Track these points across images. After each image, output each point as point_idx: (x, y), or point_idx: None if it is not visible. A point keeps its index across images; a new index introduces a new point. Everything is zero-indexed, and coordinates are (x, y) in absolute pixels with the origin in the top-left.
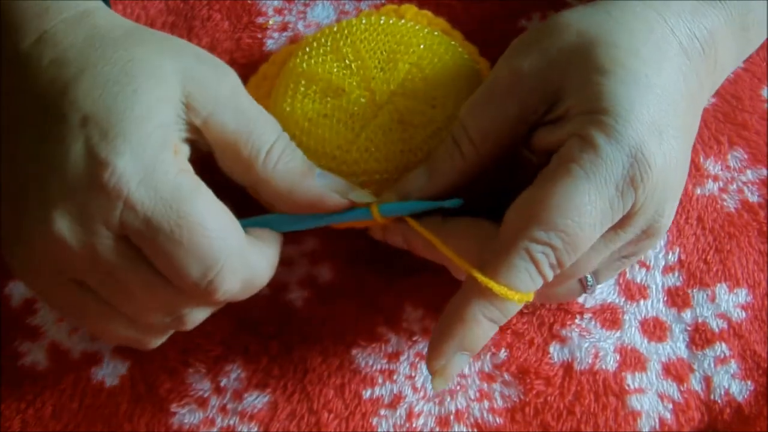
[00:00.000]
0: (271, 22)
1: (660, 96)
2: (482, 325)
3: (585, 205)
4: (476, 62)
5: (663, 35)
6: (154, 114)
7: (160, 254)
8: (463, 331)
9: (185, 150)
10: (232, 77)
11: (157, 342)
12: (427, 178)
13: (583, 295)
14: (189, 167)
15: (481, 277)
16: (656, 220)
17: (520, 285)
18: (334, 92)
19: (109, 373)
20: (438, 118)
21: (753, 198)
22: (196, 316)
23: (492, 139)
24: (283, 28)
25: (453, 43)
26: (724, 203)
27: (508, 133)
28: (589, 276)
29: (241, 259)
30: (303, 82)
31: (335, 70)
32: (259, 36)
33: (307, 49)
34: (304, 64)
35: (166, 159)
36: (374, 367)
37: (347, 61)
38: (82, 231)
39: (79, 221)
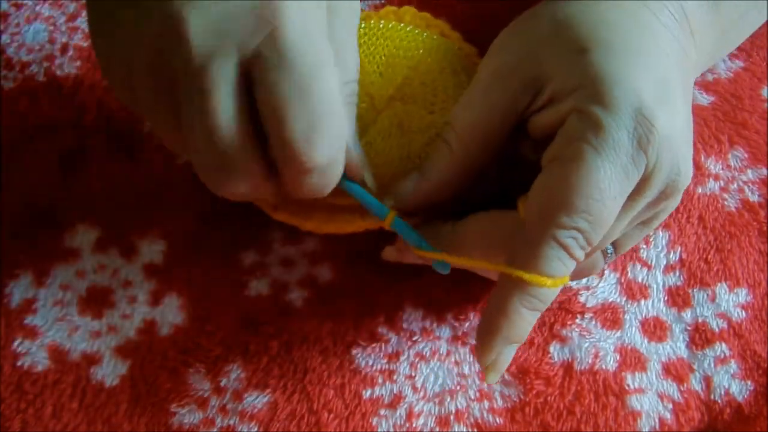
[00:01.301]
0: None
1: (644, 58)
2: (525, 316)
3: (602, 181)
4: (476, 64)
5: (633, 8)
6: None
7: (275, 94)
8: (508, 326)
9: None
10: (354, 4)
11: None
12: (417, 180)
13: (583, 294)
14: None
15: (516, 272)
16: (672, 179)
17: (554, 272)
18: None
19: (109, 373)
20: (437, 123)
21: (753, 197)
22: (239, 185)
23: (477, 132)
24: None
25: (452, 46)
26: (725, 202)
27: (493, 126)
28: (609, 246)
29: (339, 142)
30: None
31: None
32: None
33: None
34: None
35: (323, 19)
36: (374, 367)
37: None
38: (212, 41)
39: (213, 31)
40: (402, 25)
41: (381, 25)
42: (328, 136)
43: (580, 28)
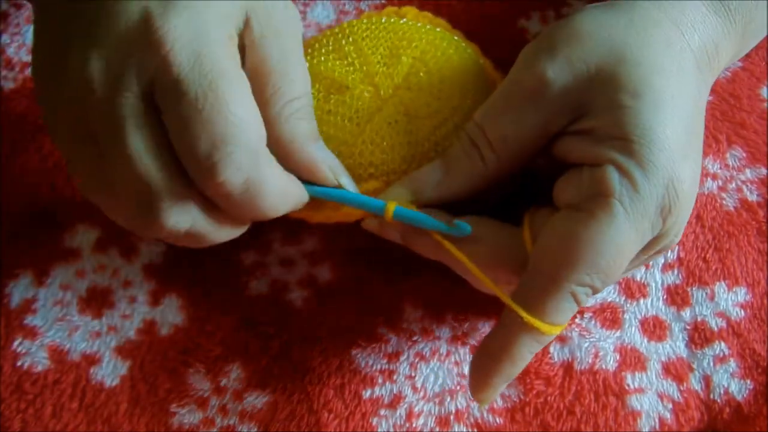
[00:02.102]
0: None
1: (683, 117)
2: (527, 359)
3: (625, 245)
4: (479, 54)
5: (681, 49)
6: (220, 5)
7: (176, 118)
8: (511, 368)
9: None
10: (295, 24)
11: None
12: (443, 176)
13: None
14: (238, 60)
15: (531, 320)
16: (673, 241)
17: (564, 321)
18: (338, 89)
19: (109, 373)
20: (444, 109)
21: (752, 197)
22: (172, 216)
23: (513, 146)
24: None
25: (455, 38)
26: (723, 202)
27: (529, 142)
28: None
29: (251, 158)
30: None
31: (338, 67)
32: None
33: (310, 50)
34: (307, 64)
35: (220, 38)
36: (374, 367)
37: (350, 59)
38: (113, 77)
39: (113, 67)
40: (404, 20)
41: (383, 20)
42: (237, 154)
43: (637, 70)
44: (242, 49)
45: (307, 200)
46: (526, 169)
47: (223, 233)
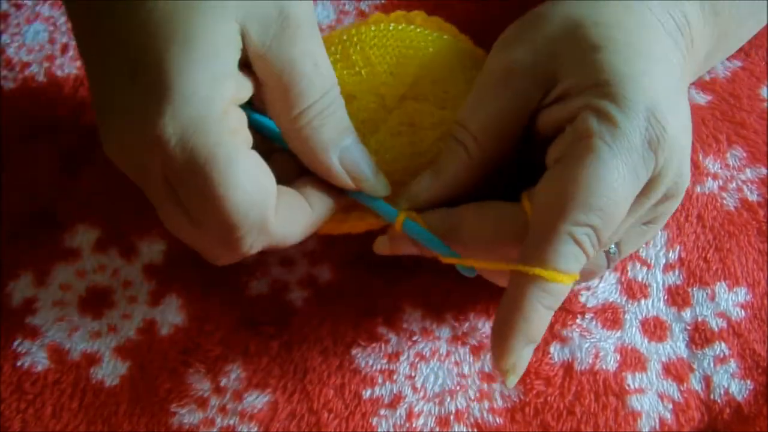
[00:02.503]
0: None
1: (653, 64)
2: (542, 314)
3: (616, 180)
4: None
5: (640, 11)
6: (208, 63)
7: (189, 204)
8: (527, 324)
9: (246, 86)
10: (299, 20)
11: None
12: (432, 179)
13: (583, 294)
14: (239, 123)
15: (534, 270)
16: (676, 181)
17: (569, 268)
18: (345, 99)
19: (109, 373)
20: (448, 119)
21: (752, 197)
22: (225, 258)
23: (493, 133)
24: None
25: (462, 45)
26: (724, 202)
27: (507, 125)
28: (612, 246)
29: (260, 233)
30: None
31: (345, 77)
32: None
33: None
34: (324, 58)
35: (209, 122)
36: (374, 367)
37: (357, 68)
38: (138, 163)
39: (132, 152)
40: (412, 26)
41: (391, 27)
42: (246, 237)
43: (596, 27)
44: (249, 63)
45: (336, 208)
46: (519, 160)
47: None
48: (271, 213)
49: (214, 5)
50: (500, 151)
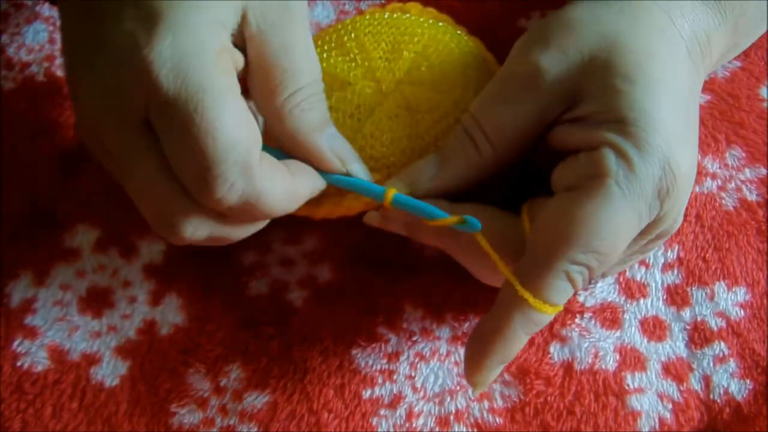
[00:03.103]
0: None
1: (678, 101)
2: (521, 340)
3: (621, 225)
4: (482, 48)
5: (672, 36)
6: (204, 8)
7: (170, 141)
8: (504, 349)
9: (238, 58)
10: (296, 14)
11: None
12: (438, 169)
13: (581, 294)
14: (231, 71)
15: (525, 294)
16: (672, 226)
17: (559, 302)
18: (340, 86)
19: (109, 373)
20: (445, 103)
21: (751, 197)
22: (189, 229)
23: (508, 136)
24: None
25: (458, 32)
26: (723, 201)
27: (525, 131)
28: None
29: (243, 174)
30: None
31: (340, 64)
32: None
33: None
34: (314, 52)
35: (205, 53)
36: (374, 367)
37: (352, 55)
38: (113, 107)
39: (111, 97)
40: (407, 15)
41: (386, 16)
42: (228, 173)
43: (631, 55)
44: (243, 44)
45: (323, 187)
46: (522, 162)
47: (242, 232)
48: (255, 157)
49: None
50: (511, 154)
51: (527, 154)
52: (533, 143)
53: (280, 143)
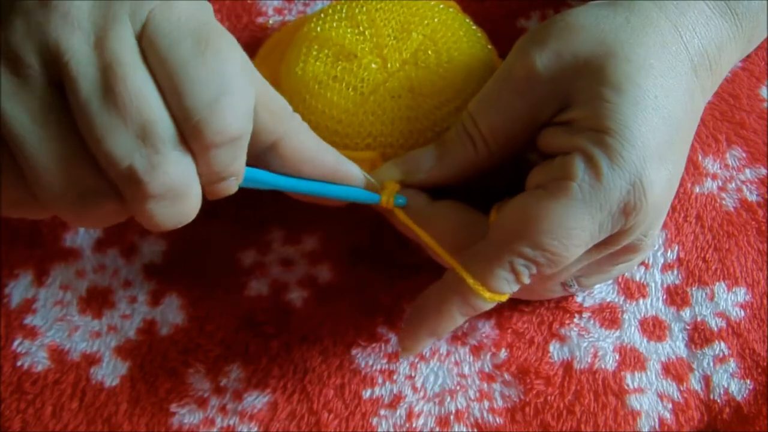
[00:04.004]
0: (270, 22)
1: (666, 119)
2: (456, 320)
3: (576, 229)
4: (487, 38)
5: (676, 51)
6: None
7: (172, 62)
8: (439, 325)
9: None
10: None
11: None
12: (435, 161)
13: (579, 294)
14: None
15: (467, 276)
16: (640, 240)
17: (499, 290)
18: (346, 57)
19: (109, 373)
20: (447, 89)
21: (752, 197)
22: (173, 164)
23: (502, 136)
24: None
25: (467, 20)
26: (723, 202)
27: (518, 133)
28: (571, 279)
29: (250, 109)
30: (316, 46)
31: (349, 35)
32: (259, 36)
33: (322, 15)
34: (318, 29)
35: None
36: (374, 367)
37: (361, 28)
38: (103, 18)
39: (102, 8)
40: None
41: None
42: (239, 100)
43: (626, 65)
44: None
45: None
46: (517, 161)
47: (196, 199)
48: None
49: None
50: (505, 153)
51: (522, 154)
52: (527, 143)
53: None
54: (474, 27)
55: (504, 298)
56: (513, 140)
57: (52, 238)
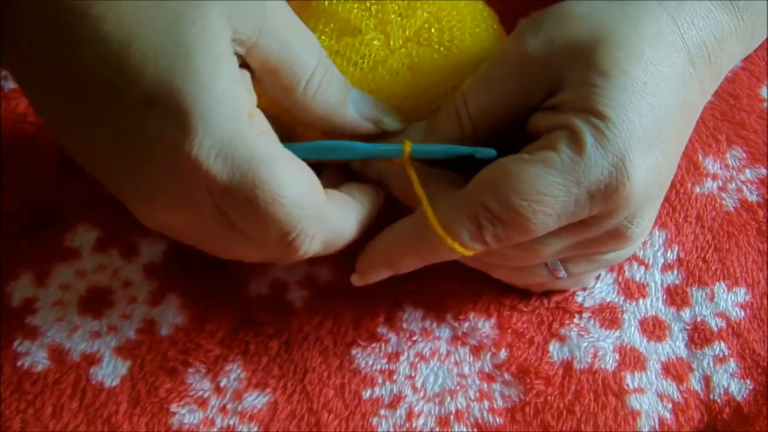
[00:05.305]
0: None
1: (655, 107)
2: (414, 260)
3: (545, 196)
4: (496, 21)
5: (672, 42)
6: (217, 77)
7: (242, 217)
8: (396, 261)
9: (250, 86)
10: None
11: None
12: (424, 137)
13: (579, 294)
14: (266, 127)
15: (430, 215)
16: (624, 226)
17: (459, 236)
18: (351, 32)
19: (109, 373)
20: (447, 68)
21: (752, 197)
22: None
23: (490, 118)
24: None
25: (476, 2)
26: (723, 202)
27: (506, 115)
28: (558, 264)
29: (319, 224)
30: (323, 20)
31: (355, 10)
32: None
33: None
34: (326, 3)
35: (240, 126)
36: (374, 367)
37: (368, 3)
38: (188, 201)
39: (178, 200)
40: None
41: None
42: (307, 230)
43: (617, 52)
44: (242, 57)
45: (379, 203)
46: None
47: None
48: (325, 200)
49: (207, 26)
50: (491, 133)
51: (507, 138)
52: (513, 128)
53: (313, 126)
54: (481, 5)
55: (466, 253)
56: (500, 123)
57: (52, 238)
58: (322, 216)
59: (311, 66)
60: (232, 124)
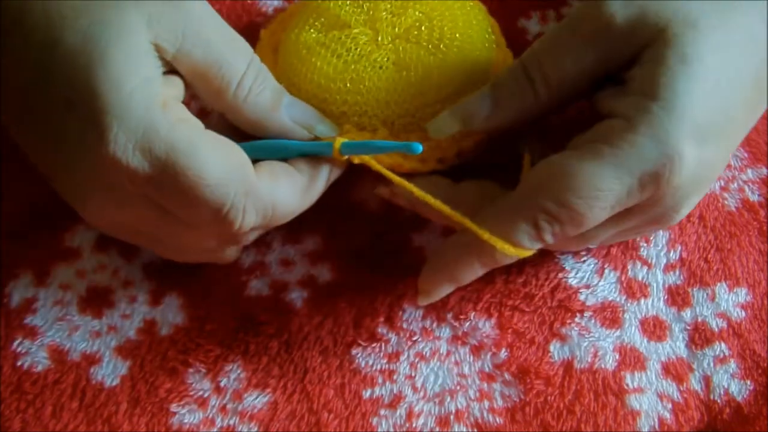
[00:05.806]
0: None
1: (721, 102)
2: (476, 271)
3: (602, 191)
4: (490, 20)
5: (759, 39)
6: (129, 74)
7: (172, 206)
8: (460, 274)
9: (177, 85)
10: (197, 7)
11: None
12: (491, 109)
13: (582, 293)
14: (184, 113)
15: (486, 236)
16: (668, 214)
17: (520, 242)
18: (340, 27)
19: (109, 373)
20: (432, 65)
21: (753, 197)
22: (232, 252)
23: (567, 83)
24: None
25: (472, 4)
26: (725, 202)
27: (584, 81)
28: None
29: (249, 197)
30: (314, 15)
31: (347, 7)
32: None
33: None
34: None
35: (154, 117)
36: (374, 367)
37: (360, 1)
38: (122, 203)
39: (113, 198)
40: None
41: None
42: (237, 204)
43: (698, 40)
44: (169, 64)
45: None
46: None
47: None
48: (252, 174)
49: (123, 28)
50: (565, 103)
51: (571, 105)
52: (585, 94)
53: (250, 129)
54: (480, 12)
55: (527, 254)
56: (576, 88)
57: (52, 238)
58: (250, 189)
59: (240, 69)
60: (145, 117)
